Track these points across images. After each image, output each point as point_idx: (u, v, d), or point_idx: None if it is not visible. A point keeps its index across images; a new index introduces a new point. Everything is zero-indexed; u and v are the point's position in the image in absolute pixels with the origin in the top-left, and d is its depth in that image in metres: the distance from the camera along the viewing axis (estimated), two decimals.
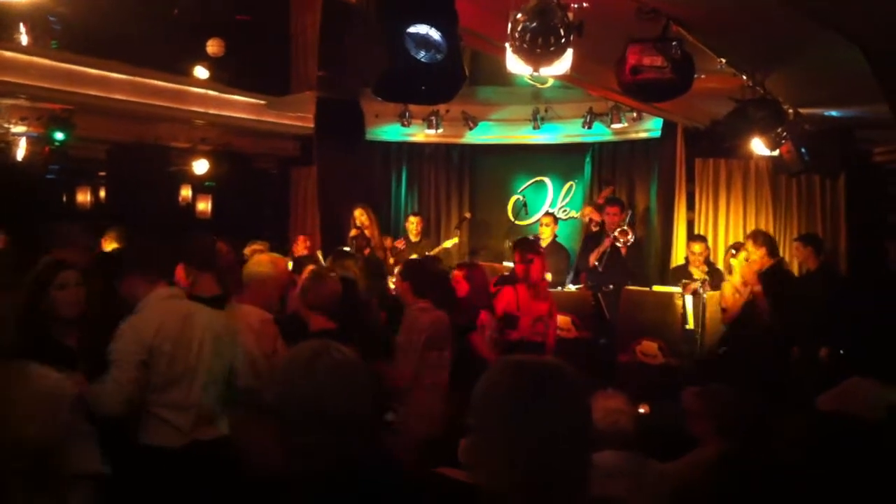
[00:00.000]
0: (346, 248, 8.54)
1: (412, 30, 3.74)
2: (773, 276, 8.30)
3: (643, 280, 9.82)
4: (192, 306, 4.33)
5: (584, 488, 1.89)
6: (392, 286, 8.84)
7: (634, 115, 11.11)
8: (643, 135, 11.71)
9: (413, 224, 10.84)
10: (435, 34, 3.79)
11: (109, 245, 7.32)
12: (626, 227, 9.56)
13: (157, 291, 4.23)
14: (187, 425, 4.06)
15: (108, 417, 3.79)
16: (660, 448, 4.11)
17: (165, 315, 4.15)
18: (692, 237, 10.09)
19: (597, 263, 9.66)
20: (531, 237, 10.28)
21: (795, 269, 10.04)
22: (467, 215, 12.42)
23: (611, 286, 9.37)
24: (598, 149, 12.31)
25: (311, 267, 7.16)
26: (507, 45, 4.48)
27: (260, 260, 5.46)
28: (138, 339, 4.02)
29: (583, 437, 1.90)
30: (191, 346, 4.14)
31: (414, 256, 9.95)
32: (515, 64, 4.49)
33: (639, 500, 3.65)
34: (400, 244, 10.26)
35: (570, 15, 4.39)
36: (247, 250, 8.22)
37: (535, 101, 11.68)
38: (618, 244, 9.53)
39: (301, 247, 10.19)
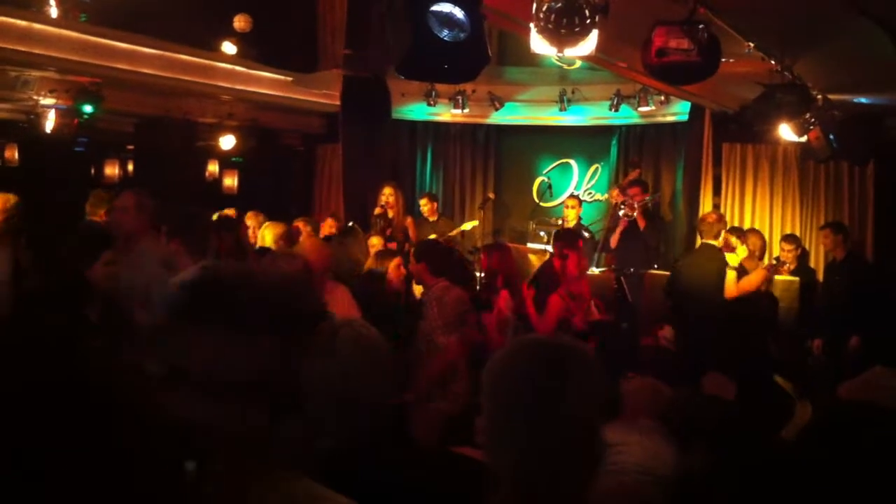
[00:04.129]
0: (351, 225, 8.57)
1: (436, 8, 3.73)
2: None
3: (668, 260, 9.82)
4: None
5: (596, 469, 1.88)
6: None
7: (662, 98, 11.02)
8: (670, 118, 11.65)
9: (425, 206, 10.82)
10: (459, 13, 3.78)
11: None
12: (630, 202, 9.61)
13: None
14: None
15: None
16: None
17: None
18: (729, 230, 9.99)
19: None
20: (558, 221, 10.32)
21: (821, 258, 9.99)
22: (491, 196, 12.39)
23: (631, 269, 9.33)
24: (625, 132, 12.26)
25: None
26: (531, 25, 4.46)
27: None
28: None
29: (598, 418, 1.87)
30: None
31: (433, 236, 9.98)
32: (540, 44, 4.47)
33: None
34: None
35: None
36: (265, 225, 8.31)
37: (562, 82, 11.62)
38: (628, 217, 9.59)
39: (328, 228, 10.17)
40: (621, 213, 9.70)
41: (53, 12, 8.70)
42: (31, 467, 1.76)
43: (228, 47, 10.96)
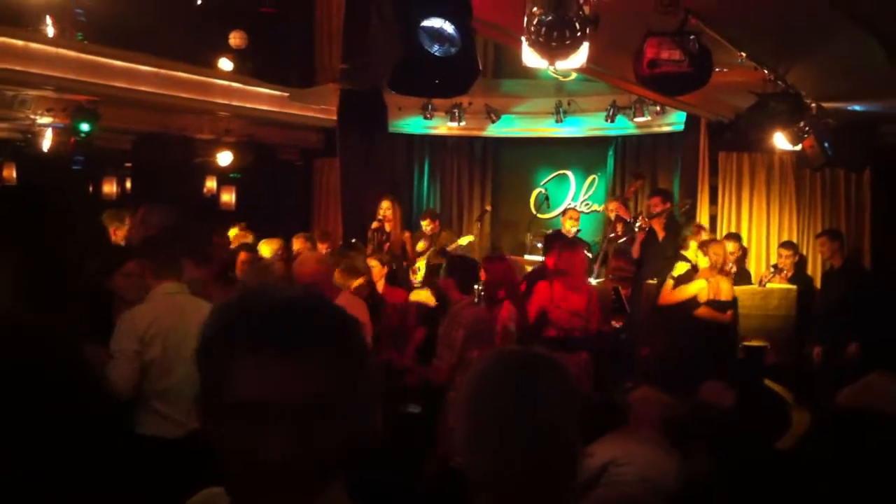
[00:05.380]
0: (353, 241, 8.60)
1: (426, 23, 3.75)
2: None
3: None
4: (190, 301, 4.50)
5: (572, 478, 1.94)
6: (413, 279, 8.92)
7: (658, 108, 11.05)
8: (666, 128, 11.67)
9: (427, 226, 10.83)
10: (449, 28, 3.80)
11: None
12: (648, 212, 9.63)
13: (162, 286, 4.40)
14: (182, 415, 4.19)
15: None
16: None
17: (161, 309, 4.38)
18: (727, 236, 9.98)
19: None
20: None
21: (818, 265, 10.00)
22: (488, 208, 12.45)
23: (656, 279, 9.33)
24: (621, 142, 12.32)
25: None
26: (523, 38, 4.48)
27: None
28: (132, 332, 4.26)
29: (572, 429, 1.92)
30: (185, 340, 4.25)
31: (431, 250, 10.01)
32: (531, 57, 4.50)
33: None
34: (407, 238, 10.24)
35: (587, 8, 4.38)
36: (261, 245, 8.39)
37: (558, 94, 11.63)
38: (643, 229, 9.60)
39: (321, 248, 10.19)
40: (637, 225, 9.70)
41: (50, 31, 8.72)
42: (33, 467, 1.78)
43: (225, 64, 10.99)
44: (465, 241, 10.96)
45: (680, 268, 8.29)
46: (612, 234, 10.30)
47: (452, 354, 5.76)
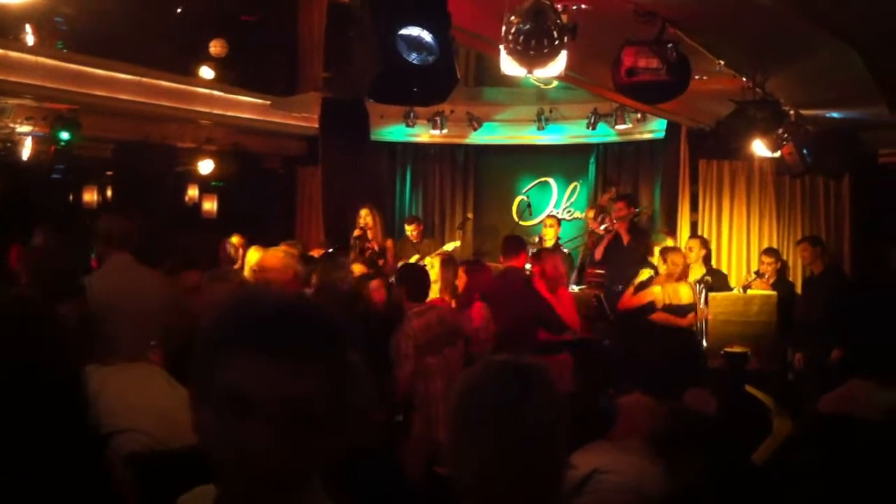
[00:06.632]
0: (337, 247, 8.59)
1: (404, 32, 3.75)
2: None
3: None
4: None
5: (557, 486, 1.97)
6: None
7: (639, 116, 11.10)
8: (647, 136, 11.72)
9: (412, 231, 10.93)
10: (427, 36, 3.80)
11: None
12: (613, 216, 9.70)
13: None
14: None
15: None
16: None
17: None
18: (690, 236, 10.11)
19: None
20: (536, 240, 10.36)
21: (798, 272, 10.06)
22: (469, 216, 12.46)
23: (620, 287, 9.35)
24: (603, 150, 12.35)
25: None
26: (501, 46, 4.50)
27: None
28: None
29: (559, 437, 1.96)
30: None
31: (416, 257, 9.99)
32: (510, 65, 4.52)
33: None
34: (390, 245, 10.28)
35: (565, 17, 4.41)
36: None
37: (540, 101, 11.68)
38: (609, 231, 9.66)
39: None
40: (603, 227, 9.76)
41: (30, 40, 8.67)
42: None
43: (206, 72, 10.95)
44: (450, 247, 10.97)
45: (644, 274, 8.42)
46: (589, 242, 10.37)
47: (407, 366, 5.75)
